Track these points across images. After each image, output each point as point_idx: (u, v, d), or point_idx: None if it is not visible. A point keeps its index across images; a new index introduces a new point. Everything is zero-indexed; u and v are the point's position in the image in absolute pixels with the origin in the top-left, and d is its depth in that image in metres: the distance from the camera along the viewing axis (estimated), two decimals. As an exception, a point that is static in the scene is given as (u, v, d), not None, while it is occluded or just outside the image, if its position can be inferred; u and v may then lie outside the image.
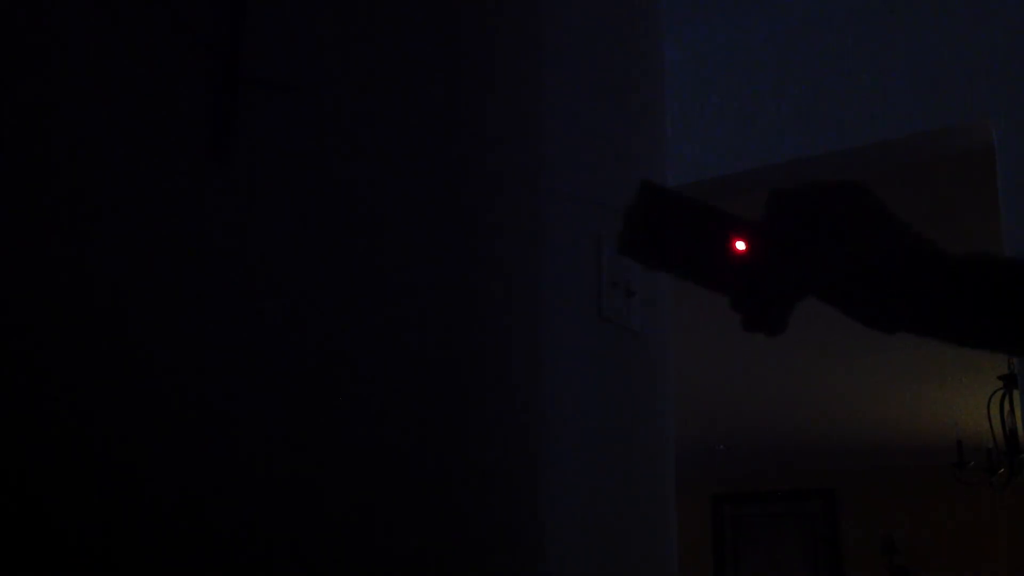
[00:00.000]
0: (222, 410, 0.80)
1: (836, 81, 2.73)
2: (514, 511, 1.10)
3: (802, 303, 0.72)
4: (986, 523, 8.09)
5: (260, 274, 0.85)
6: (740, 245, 0.69)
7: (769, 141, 2.79)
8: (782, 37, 2.86)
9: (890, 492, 8.64)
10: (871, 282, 0.70)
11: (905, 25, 2.67)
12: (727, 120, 2.88)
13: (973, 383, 5.72)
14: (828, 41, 2.78)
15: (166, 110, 0.79)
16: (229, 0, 0.85)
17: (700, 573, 9.10)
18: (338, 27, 0.97)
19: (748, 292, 0.71)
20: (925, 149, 2.67)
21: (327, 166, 0.94)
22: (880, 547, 8.48)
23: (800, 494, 9.08)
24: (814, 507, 9.01)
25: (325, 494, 0.88)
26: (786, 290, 0.71)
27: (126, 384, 0.73)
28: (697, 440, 7.77)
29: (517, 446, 1.13)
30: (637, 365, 1.39)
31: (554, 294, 1.23)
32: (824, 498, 8.97)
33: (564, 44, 1.35)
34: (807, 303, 0.73)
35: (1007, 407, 5.04)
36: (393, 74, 1.03)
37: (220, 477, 0.79)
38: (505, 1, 1.25)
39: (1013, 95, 2.46)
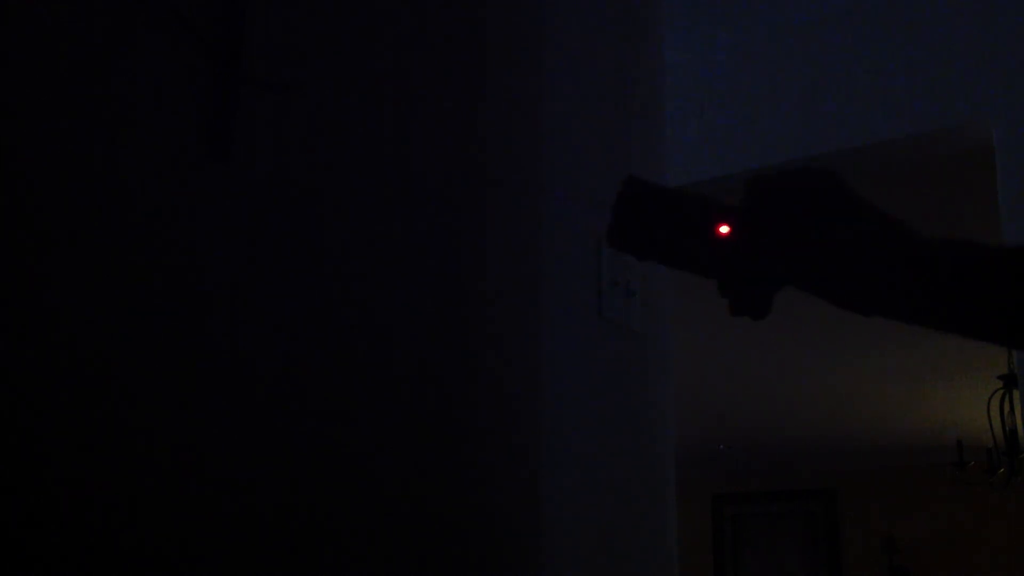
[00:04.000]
0: (219, 409, 0.80)
1: (836, 81, 2.73)
2: (513, 511, 1.10)
3: (800, 304, 0.70)
4: (986, 523, 8.09)
5: (259, 273, 0.85)
6: (723, 229, 0.72)
7: (769, 141, 2.79)
8: (782, 37, 2.86)
9: (890, 492, 8.64)
10: (842, 261, 0.72)
11: (905, 25, 2.67)
12: (727, 120, 2.88)
13: (973, 383, 5.71)
14: (828, 41, 2.78)
15: (166, 109, 0.79)
16: (229, 0, 0.85)
17: (700, 573, 9.10)
18: (338, 27, 0.97)
19: (733, 275, 0.73)
20: (925, 149, 2.67)
21: (327, 165, 0.94)
22: (880, 547, 8.48)
23: (800, 494, 9.08)
24: (814, 507, 9.01)
25: (322, 496, 0.88)
26: (766, 272, 0.74)
27: (124, 384, 0.73)
28: (697, 440, 7.77)
29: (516, 446, 1.13)
30: (637, 365, 1.39)
31: (554, 294, 1.23)
32: (824, 498, 8.97)
33: (565, 44, 1.35)
34: (806, 303, 0.72)
35: (1007, 407, 5.05)
36: (392, 74, 1.03)
37: (218, 477, 0.79)
38: (506, 1, 1.25)
39: (1013, 95, 2.46)
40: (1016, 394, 4.84)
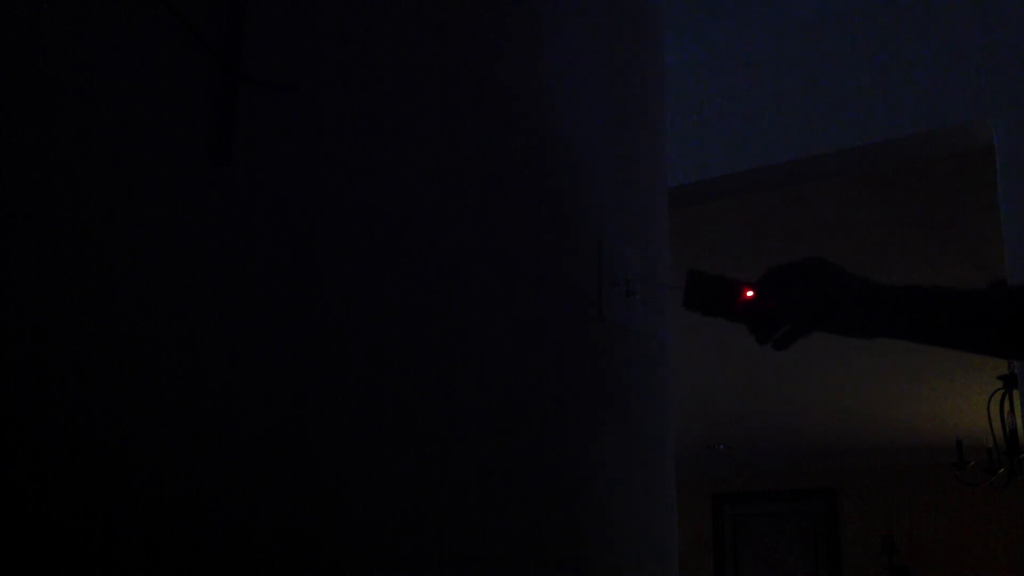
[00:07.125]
0: (222, 413, 0.80)
1: (836, 81, 2.73)
2: (511, 511, 1.10)
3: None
4: (986, 523, 8.09)
5: (260, 275, 0.85)
6: (749, 293, 1.20)
7: (769, 141, 2.79)
8: (782, 37, 2.86)
9: (890, 492, 8.65)
10: (840, 307, 1.16)
11: (905, 25, 2.67)
12: (727, 120, 2.88)
13: (973, 383, 5.72)
14: (828, 41, 2.78)
15: (165, 110, 0.79)
16: (229, 0, 0.85)
17: (700, 573, 9.11)
18: (338, 27, 0.97)
19: (757, 322, 1.21)
20: (925, 149, 2.67)
21: (327, 166, 0.94)
22: (880, 547, 8.49)
23: (800, 494, 9.08)
24: (814, 507, 9.01)
25: (323, 497, 0.88)
26: (780, 320, 1.20)
27: (123, 385, 0.73)
28: (697, 440, 7.77)
29: (515, 446, 1.13)
30: (637, 365, 1.39)
31: (554, 293, 1.23)
32: (824, 498, 8.97)
33: (564, 44, 1.35)
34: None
35: (1007, 407, 5.05)
36: (393, 74, 1.03)
37: (218, 481, 0.79)
38: (505, 0, 1.25)
39: (1013, 95, 2.46)
40: (1016, 394, 4.84)
